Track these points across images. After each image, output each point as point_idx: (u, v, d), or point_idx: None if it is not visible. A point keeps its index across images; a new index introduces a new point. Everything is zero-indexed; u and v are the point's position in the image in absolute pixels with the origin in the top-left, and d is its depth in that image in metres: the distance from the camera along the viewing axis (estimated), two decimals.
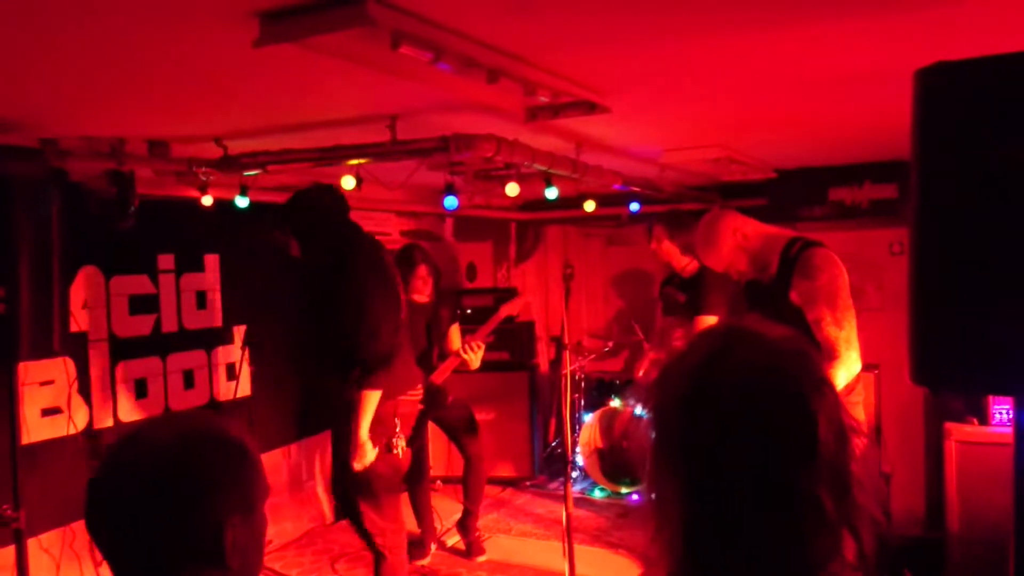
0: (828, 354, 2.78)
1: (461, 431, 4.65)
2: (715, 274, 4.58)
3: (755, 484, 0.84)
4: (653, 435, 0.92)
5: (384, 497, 3.37)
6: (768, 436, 0.84)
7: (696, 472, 0.87)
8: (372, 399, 3.16)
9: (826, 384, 0.89)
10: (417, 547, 4.63)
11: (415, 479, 4.65)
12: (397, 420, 3.32)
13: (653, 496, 0.92)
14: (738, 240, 3.03)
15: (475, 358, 4.32)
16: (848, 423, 0.89)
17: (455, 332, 4.58)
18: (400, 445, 3.32)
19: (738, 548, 0.85)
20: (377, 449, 3.23)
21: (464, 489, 4.71)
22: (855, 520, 0.87)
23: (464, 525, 4.73)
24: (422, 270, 4.38)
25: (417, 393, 3.55)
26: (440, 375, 4.41)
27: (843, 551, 0.87)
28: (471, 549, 4.67)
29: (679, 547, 0.88)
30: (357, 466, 3.19)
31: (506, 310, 4.43)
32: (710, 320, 4.11)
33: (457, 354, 4.33)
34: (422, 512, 4.70)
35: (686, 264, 4.61)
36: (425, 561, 4.59)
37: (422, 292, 4.42)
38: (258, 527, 1.09)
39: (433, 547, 4.72)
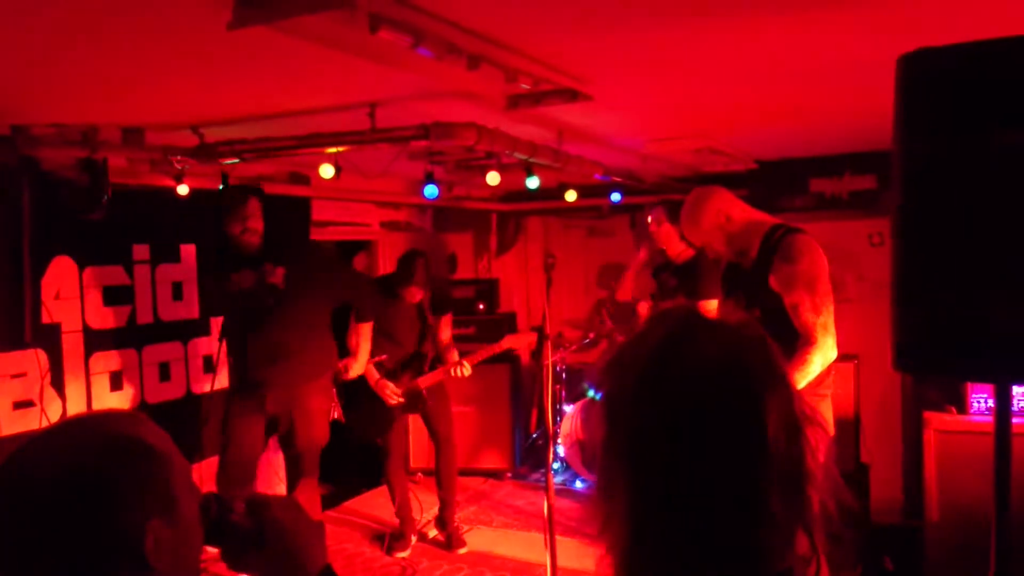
0: (805, 339, 2.78)
1: (433, 414, 4.68)
2: (710, 260, 4.60)
3: (702, 481, 0.82)
4: (604, 423, 0.89)
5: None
6: (716, 432, 0.82)
7: (643, 465, 0.85)
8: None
9: (780, 378, 0.86)
10: (398, 540, 4.62)
11: (395, 471, 4.65)
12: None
13: (602, 486, 0.89)
14: (720, 221, 3.02)
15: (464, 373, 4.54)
16: (804, 417, 0.87)
17: (446, 323, 4.66)
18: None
19: (684, 544, 0.83)
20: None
21: (436, 478, 4.71)
22: (807, 516, 0.85)
23: (442, 519, 4.71)
24: (414, 289, 4.44)
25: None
26: (426, 380, 4.52)
27: (796, 546, 0.85)
28: (451, 542, 4.64)
29: (625, 541, 0.86)
30: None
31: (509, 342, 4.60)
32: (711, 305, 4.11)
33: (447, 370, 4.50)
34: (401, 504, 4.68)
35: (681, 251, 4.62)
36: (405, 553, 4.57)
37: (414, 296, 4.50)
38: (187, 525, 1.02)
39: (414, 539, 4.70)
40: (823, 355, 2.78)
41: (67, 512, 0.93)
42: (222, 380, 4.47)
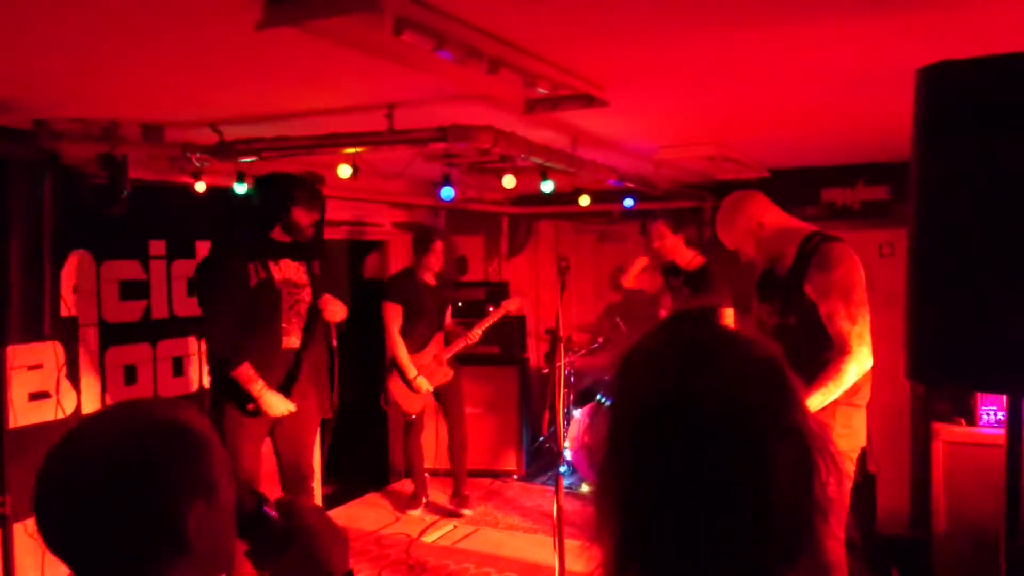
0: (840, 348, 2.75)
1: (449, 407, 5.21)
2: (720, 267, 4.61)
3: (698, 520, 0.79)
4: (607, 437, 0.87)
5: None
6: (717, 472, 0.79)
7: (638, 497, 0.82)
8: None
9: (793, 409, 0.83)
10: (411, 499, 5.22)
11: (415, 445, 5.17)
12: None
13: (596, 501, 0.87)
14: (752, 227, 3.03)
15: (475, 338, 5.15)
16: (816, 448, 0.83)
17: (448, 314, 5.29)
18: None
19: None
20: None
21: (449, 457, 5.26)
22: (814, 551, 0.82)
23: (455, 490, 5.25)
24: (439, 244, 4.99)
25: None
26: (447, 352, 5.07)
27: None
28: (457, 505, 5.18)
29: (611, 562, 0.84)
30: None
31: (504, 308, 5.18)
32: (728, 312, 4.17)
33: (465, 338, 5.05)
34: (417, 471, 5.20)
35: (691, 258, 4.62)
36: (417, 512, 5.13)
37: (434, 272, 5.05)
38: (225, 511, 1.07)
39: (425, 500, 5.23)
40: (858, 365, 2.76)
41: (116, 490, 0.99)
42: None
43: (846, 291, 2.78)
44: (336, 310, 3.80)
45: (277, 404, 3.57)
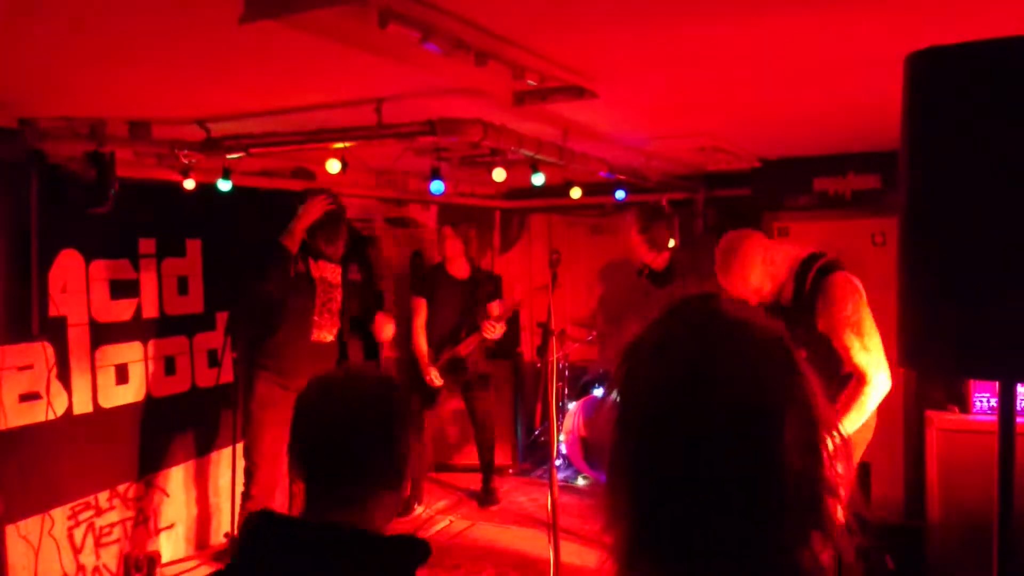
0: (859, 379, 2.86)
1: (475, 399, 5.26)
2: (687, 268, 4.59)
3: (707, 507, 0.80)
4: (614, 432, 0.87)
5: None
6: (728, 459, 0.80)
7: (650, 478, 0.83)
8: None
9: (800, 390, 0.84)
10: (405, 504, 5.11)
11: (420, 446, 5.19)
12: None
13: (606, 492, 0.88)
14: (766, 265, 3.03)
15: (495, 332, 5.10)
16: (825, 427, 0.84)
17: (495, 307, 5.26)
18: None
19: (685, 566, 0.81)
20: None
21: (478, 451, 5.31)
22: (825, 529, 0.83)
23: (483, 478, 5.30)
24: (445, 230, 5.16)
25: None
26: (465, 347, 5.08)
27: (816, 559, 0.83)
28: (485, 500, 5.22)
29: (623, 551, 0.85)
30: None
31: (519, 295, 5.50)
32: None
33: (482, 333, 5.03)
34: (414, 468, 5.12)
35: (653, 258, 4.61)
36: (416, 514, 5.04)
37: (458, 266, 5.13)
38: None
39: (416, 506, 5.11)
40: (878, 391, 2.87)
41: (372, 425, 1.33)
42: (227, 374, 4.50)
43: (857, 324, 2.87)
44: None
45: None
